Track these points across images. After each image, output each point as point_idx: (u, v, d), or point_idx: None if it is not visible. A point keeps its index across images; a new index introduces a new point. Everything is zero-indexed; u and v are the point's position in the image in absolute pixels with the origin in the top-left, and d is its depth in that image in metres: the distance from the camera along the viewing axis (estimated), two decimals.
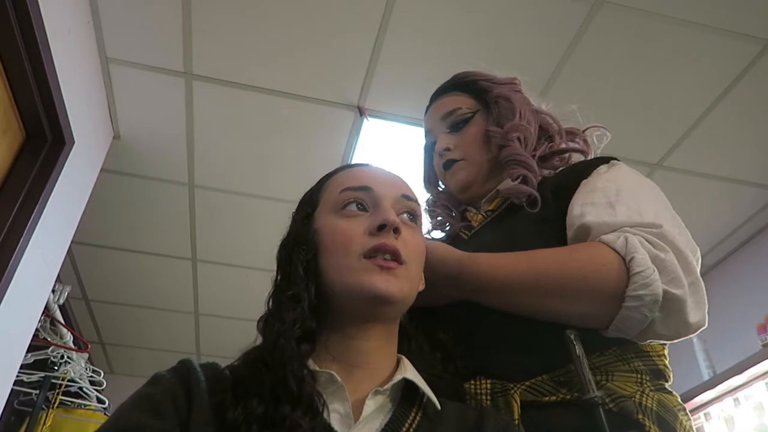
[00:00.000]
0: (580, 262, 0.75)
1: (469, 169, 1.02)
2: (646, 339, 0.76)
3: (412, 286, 0.71)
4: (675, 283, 0.72)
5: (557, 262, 0.77)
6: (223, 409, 0.59)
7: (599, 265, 0.74)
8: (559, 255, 0.78)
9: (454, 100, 1.09)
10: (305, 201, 0.79)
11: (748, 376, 2.40)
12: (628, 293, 0.71)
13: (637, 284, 0.71)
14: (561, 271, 0.76)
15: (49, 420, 2.74)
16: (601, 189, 0.84)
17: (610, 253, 0.74)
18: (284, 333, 0.64)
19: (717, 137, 2.36)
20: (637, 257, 0.72)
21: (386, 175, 0.77)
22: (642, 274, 0.71)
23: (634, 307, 0.71)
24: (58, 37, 1.73)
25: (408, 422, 0.65)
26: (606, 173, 0.89)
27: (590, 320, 0.76)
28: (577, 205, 0.84)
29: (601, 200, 0.82)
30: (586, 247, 0.78)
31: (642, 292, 0.71)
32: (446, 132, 1.06)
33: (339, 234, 0.70)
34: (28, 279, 1.82)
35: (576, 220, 0.82)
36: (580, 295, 0.74)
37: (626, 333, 0.74)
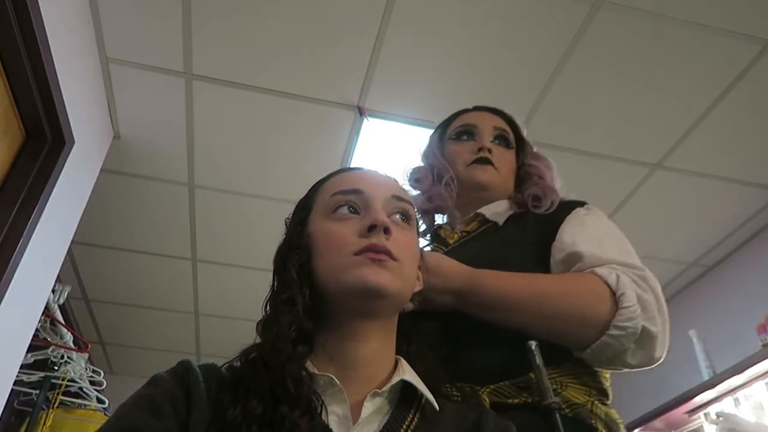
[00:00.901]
0: (578, 292, 0.85)
1: (496, 177, 1.12)
2: (612, 365, 0.86)
3: (406, 283, 0.71)
4: (652, 321, 0.82)
5: (558, 289, 0.86)
6: (223, 408, 0.60)
7: (594, 296, 0.83)
8: (559, 282, 0.88)
9: (505, 124, 1.20)
10: (299, 207, 0.80)
11: (748, 376, 2.40)
12: (614, 323, 0.81)
13: (623, 317, 0.81)
14: (560, 297, 0.85)
15: (49, 420, 2.74)
16: (589, 226, 0.96)
17: (603, 287, 0.84)
18: (280, 336, 0.65)
19: (717, 137, 2.36)
20: (627, 294, 0.82)
21: (377, 177, 0.78)
22: (629, 309, 0.81)
23: (616, 336, 0.81)
24: (58, 37, 1.73)
25: (406, 423, 0.65)
26: (587, 215, 1.00)
27: (572, 341, 0.85)
28: (568, 235, 0.94)
29: (590, 236, 0.93)
30: (583, 277, 0.87)
31: (626, 324, 0.80)
32: (492, 140, 1.15)
33: (332, 237, 0.70)
34: (28, 279, 1.82)
35: (568, 246, 0.92)
36: (574, 321, 0.83)
37: (599, 357, 0.84)
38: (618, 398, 0.93)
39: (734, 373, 2.40)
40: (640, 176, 2.55)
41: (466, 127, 1.17)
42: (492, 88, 2.20)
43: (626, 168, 2.51)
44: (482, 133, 1.15)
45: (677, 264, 3.06)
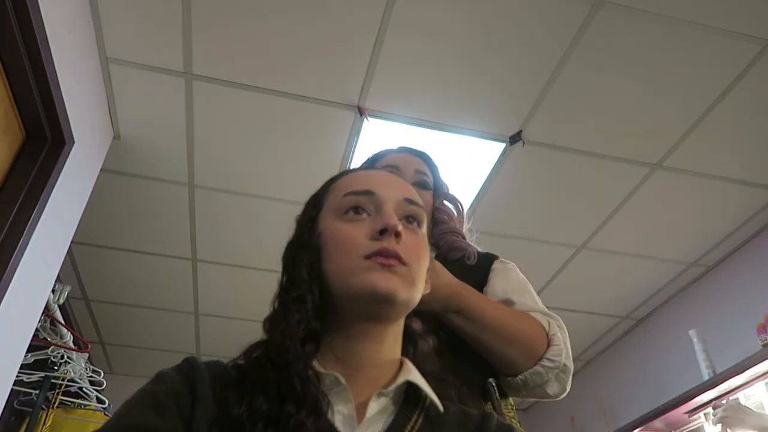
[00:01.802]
0: (526, 324, 1.04)
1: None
2: (533, 393, 1.03)
3: (415, 288, 0.71)
4: (569, 360, 1.03)
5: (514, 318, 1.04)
6: (227, 406, 0.60)
7: (537, 331, 1.03)
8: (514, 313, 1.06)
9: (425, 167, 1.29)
10: (310, 204, 0.79)
11: (748, 376, 2.40)
12: (547, 356, 1.01)
13: (554, 352, 1.01)
14: (516, 324, 1.03)
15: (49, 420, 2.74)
16: (512, 280, 1.16)
17: (539, 326, 1.04)
18: (289, 334, 0.65)
19: (717, 137, 2.36)
20: (557, 335, 1.03)
21: (389, 178, 0.78)
22: (558, 347, 1.02)
23: (547, 367, 1.00)
24: (58, 37, 1.73)
25: (410, 424, 0.65)
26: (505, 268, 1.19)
27: (513, 366, 1.01)
28: (498, 285, 1.14)
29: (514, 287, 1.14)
30: (528, 315, 1.06)
31: (555, 358, 1.00)
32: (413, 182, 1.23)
33: (342, 238, 0.70)
34: (28, 279, 1.82)
35: (502, 294, 1.12)
36: (521, 346, 1.01)
37: (526, 383, 1.01)
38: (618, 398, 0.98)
39: (734, 373, 2.41)
40: (640, 176, 2.55)
41: (389, 168, 1.24)
42: (492, 88, 2.20)
43: (626, 168, 2.51)
44: (404, 174, 1.22)
45: (677, 264, 3.06)
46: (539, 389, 1.02)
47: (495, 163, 2.51)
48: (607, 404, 3.47)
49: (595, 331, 3.61)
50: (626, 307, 3.38)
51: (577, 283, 3.17)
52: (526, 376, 1.00)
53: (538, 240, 2.92)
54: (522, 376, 1.00)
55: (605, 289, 3.22)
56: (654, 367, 3.26)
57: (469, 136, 2.37)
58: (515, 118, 2.31)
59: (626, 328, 3.57)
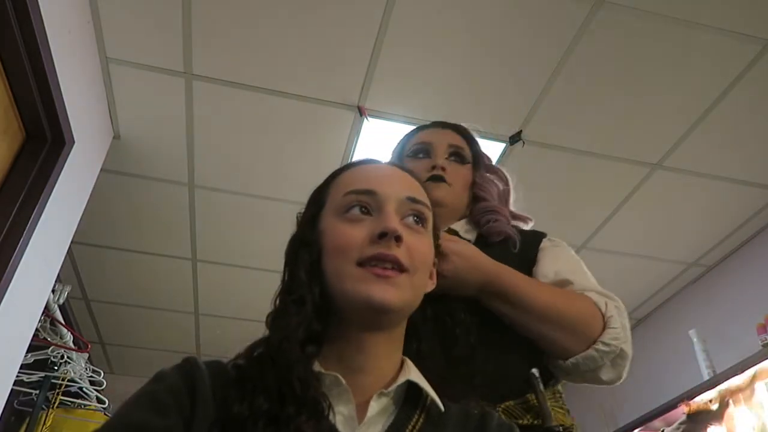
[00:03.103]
0: (578, 305, 0.96)
1: (450, 194, 1.16)
2: (585, 378, 0.96)
3: (415, 293, 0.70)
4: (628, 345, 0.96)
5: (564, 299, 0.96)
6: (228, 405, 0.59)
7: (590, 313, 0.96)
8: (564, 293, 0.98)
9: (460, 139, 1.24)
10: (312, 201, 0.78)
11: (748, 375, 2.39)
12: (601, 340, 0.93)
13: (609, 336, 0.93)
14: (566, 307, 0.95)
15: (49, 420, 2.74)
16: (562, 259, 1.08)
17: (595, 307, 0.96)
18: (289, 336, 0.64)
19: (717, 137, 2.36)
20: (615, 318, 0.96)
21: (392, 175, 0.76)
22: (615, 330, 0.94)
23: (601, 351, 0.93)
24: (58, 37, 1.73)
25: (411, 424, 0.65)
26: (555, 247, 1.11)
27: (564, 350, 0.95)
28: (549, 265, 1.05)
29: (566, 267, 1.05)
30: (581, 296, 0.99)
31: (610, 342, 0.93)
32: (446, 157, 1.20)
33: (340, 238, 0.69)
34: (28, 279, 1.82)
35: (554, 275, 1.03)
36: (572, 330, 0.94)
37: (578, 368, 0.94)
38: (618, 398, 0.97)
39: (734, 373, 2.40)
40: (640, 176, 2.55)
41: (421, 145, 1.22)
42: (492, 88, 2.20)
43: (626, 168, 2.51)
44: (437, 150, 1.19)
45: (677, 264, 3.06)
46: (591, 374, 0.95)
47: (495, 163, 2.50)
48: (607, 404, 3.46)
49: None
50: (626, 307, 3.36)
51: None
52: (578, 360, 0.93)
53: None
54: (573, 359, 0.93)
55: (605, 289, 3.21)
56: (654, 367, 3.26)
57: None
58: (515, 118, 2.31)
59: None
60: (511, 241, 1.09)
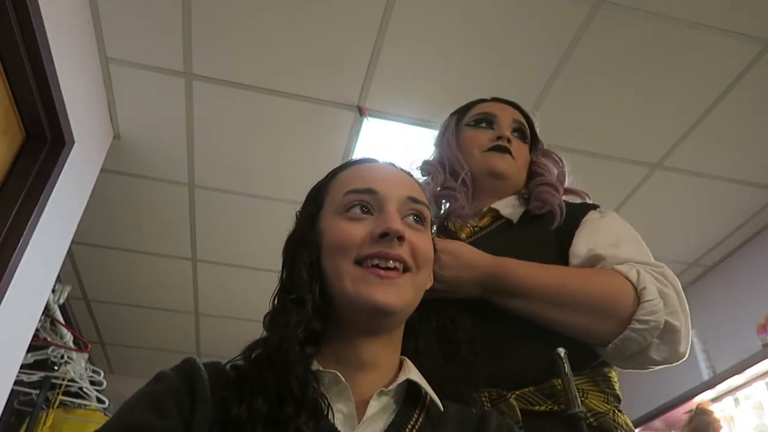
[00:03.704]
0: (599, 283, 0.85)
1: (513, 168, 1.12)
2: (635, 362, 0.86)
3: (416, 293, 0.70)
4: (675, 315, 0.83)
5: (579, 279, 0.87)
6: (227, 406, 0.59)
7: (616, 289, 0.84)
8: (580, 273, 0.89)
9: (523, 118, 1.20)
10: (311, 199, 0.77)
11: (748, 375, 2.40)
12: (637, 317, 0.81)
13: (645, 310, 0.81)
14: (583, 287, 0.85)
15: (49, 420, 2.74)
16: (603, 231, 0.97)
17: (624, 281, 0.84)
18: (288, 336, 0.64)
19: (717, 137, 2.36)
20: (649, 288, 0.83)
21: (392, 174, 0.75)
22: (651, 303, 0.81)
23: (639, 330, 0.81)
24: (58, 37, 1.73)
25: (411, 423, 0.65)
26: (601, 218, 1.01)
27: (595, 336, 0.85)
28: (583, 241, 0.95)
29: (605, 240, 0.94)
30: (604, 271, 0.88)
31: (649, 318, 0.81)
32: (511, 132, 1.15)
33: (339, 236, 0.69)
34: (28, 279, 1.82)
35: (586, 251, 0.92)
36: (596, 312, 0.84)
37: (622, 352, 0.84)
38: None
39: (734, 373, 2.40)
40: (640, 176, 2.55)
41: (485, 115, 1.16)
42: (492, 88, 2.18)
43: (626, 168, 2.51)
44: (501, 122, 1.14)
45: (677, 264, 3.06)
46: (642, 356, 0.84)
47: None
48: None
49: None
50: None
51: None
52: (616, 344, 0.83)
53: None
54: (612, 344, 0.83)
55: None
56: None
57: None
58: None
59: None
60: (551, 215, 1.01)
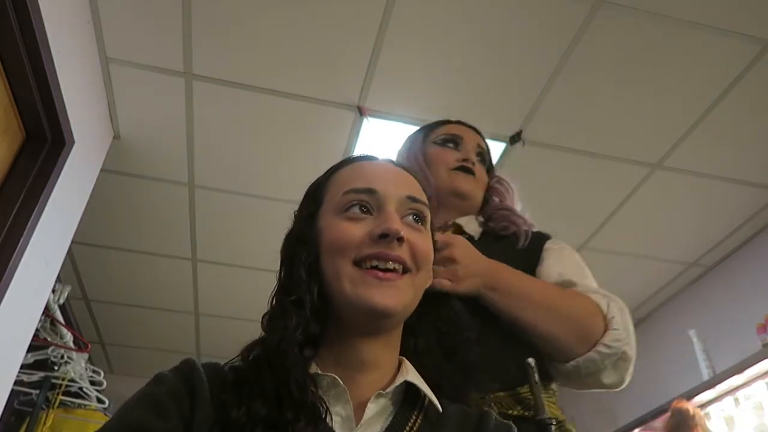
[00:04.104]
0: (578, 303, 0.95)
1: (475, 189, 1.20)
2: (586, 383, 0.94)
3: (416, 294, 0.70)
4: (630, 347, 0.93)
5: (565, 296, 0.95)
6: (226, 408, 0.59)
7: (593, 312, 0.93)
8: (561, 289, 0.97)
9: (485, 145, 1.30)
10: (310, 197, 0.77)
11: (748, 375, 2.40)
12: (603, 342, 0.91)
13: (611, 338, 0.91)
14: (564, 301, 0.94)
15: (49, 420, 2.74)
16: (567, 260, 1.07)
17: (597, 308, 0.94)
18: (287, 338, 0.64)
19: (717, 137, 2.36)
20: (617, 318, 0.93)
21: (392, 173, 0.75)
22: (617, 332, 0.91)
23: (602, 353, 0.90)
24: (58, 37, 1.73)
25: (409, 425, 0.65)
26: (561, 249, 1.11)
27: (563, 351, 0.93)
28: (553, 265, 1.04)
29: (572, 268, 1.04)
30: (580, 294, 0.97)
31: (612, 344, 0.90)
32: (476, 157, 1.24)
33: (338, 236, 0.68)
34: (28, 279, 1.82)
35: (557, 275, 1.02)
36: (571, 328, 0.92)
37: (579, 371, 0.92)
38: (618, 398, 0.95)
39: (734, 373, 2.40)
40: (640, 176, 2.55)
41: (452, 136, 1.25)
42: (492, 88, 2.20)
43: (626, 168, 2.51)
44: (467, 145, 1.22)
45: (677, 264, 3.06)
46: (593, 378, 0.92)
47: (495, 164, 2.50)
48: (607, 404, 3.47)
49: None
50: None
51: None
52: (579, 363, 0.91)
53: None
54: (575, 362, 0.91)
55: (605, 289, 3.21)
56: (654, 367, 3.25)
57: None
58: (515, 118, 2.31)
59: None
60: (517, 236, 1.09)
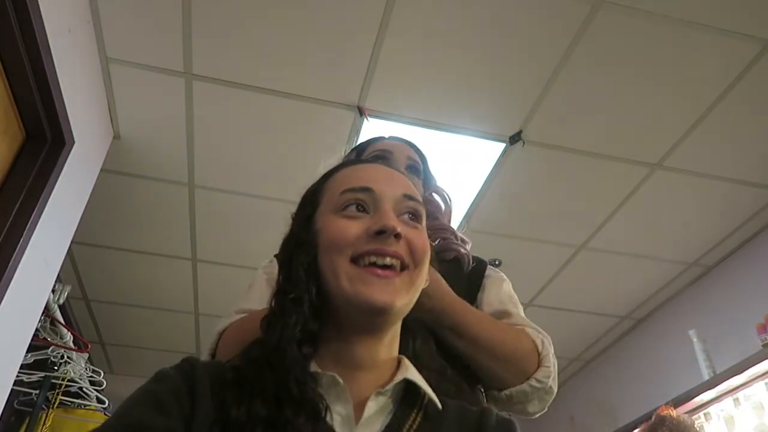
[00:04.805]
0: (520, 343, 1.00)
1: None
2: (514, 409, 1.01)
3: (414, 291, 0.70)
4: (555, 382, 1.01)
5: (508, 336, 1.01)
6: (226, 407, 0.59)
7: (530, 350, 1.00)
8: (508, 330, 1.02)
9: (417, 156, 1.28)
10: (307, 201, 0.78)
11: (748, 376, 2.39)
12: (536, 376, 0.98)
13: (543, 374, 0.98)
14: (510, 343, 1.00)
15: (49, 420, 2.74)
16: (505, 290, 1.13)
17: (533, 344, 1.01)
18: (286, 336, 0.64)
19: (717, 137, 2.36)
20: (549, 356, 1.01)
21: (387, 173, 0.76)
22: (548, 368, 0.99)
23: (534, 387, 0.97)
24: (58, 37, 1.73)
25: (409, 423, 0.65)
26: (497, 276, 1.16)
27: (500, 382, 0.99)
28: (493, 293, 1.11)
29: (508, 299, 1.12)
30: (517, 330, 1.03)
31: (543, 380, 0.98)
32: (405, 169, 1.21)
33: (335, 233, 0.69)
34: (28, 279, 1.82)
35: (498, 304, 1.09)
36: (512, 365, 0.99)
37: (510, 400, 0.99)
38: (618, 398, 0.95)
39: (734, 373, 2.40)
40: (640, 176, 2.55)
41: (381, 152, 1.25)
42: (492, 88, 2.20)
43: (626, 168, 2.51)
44: (397, 160, 1.22)
45: (677, 264, 3.06)
46: (520, 407, 1.01)
47: (495, 163, 2.51)
48: (607, 404, 3.46)
49: (595, 331, 3.61)
50: (626, 307, 3.38)
51: (577, 283, 3.17)
52: (511, 393, 0.99)
53: (537, 240, 2.92)
54: (508, 391, 0.99)
55: (605, 289, 3.22)
56: (654, 368, 3.26)
57: (468, 136, 2.37)
58: (515, 118, 2.31)
59: (626, 328, 3.57)
60: (462, 261, 1.14)
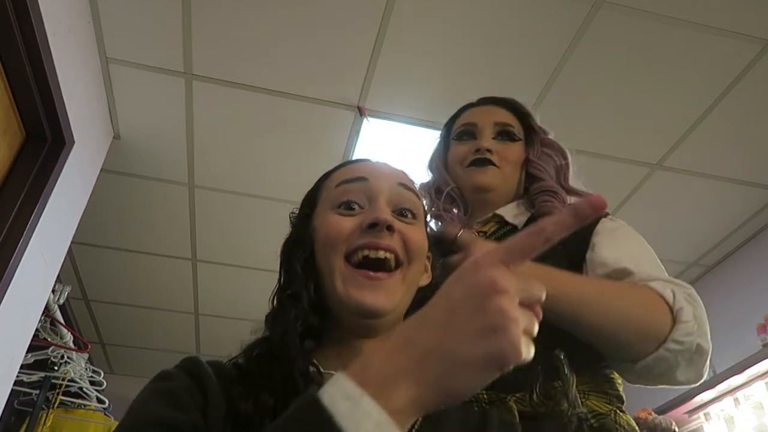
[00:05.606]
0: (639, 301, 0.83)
1: (498, 177, 1.08)
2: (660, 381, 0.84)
3: (408, 290, 0.70)
4: (705, 338, 0.83)
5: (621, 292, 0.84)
6: (234, 402, 0.60)
7: (655, 307, 0.82)
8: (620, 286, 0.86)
9: (508, 116, 1.15)
10: (305, 202, 0.79)
11: (748, 375, 2.40)
12: (672, 338, 0.80)
13: (681, 332, 0.80)
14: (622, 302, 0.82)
15: (49, 420, 2.74)
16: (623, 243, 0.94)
17: (660, 300, 0.83)
18: (288, 331, 0.65)
19: (717, 137, 2.36)
20: (685, 309, 0.82)
21: (383, 166, 0.77)
22: (687, 324, 0.81)
23: (673, 350, 0.80)
24: (58, 37, 1.73)
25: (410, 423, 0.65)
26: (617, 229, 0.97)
27: (628, 352, 0.82)
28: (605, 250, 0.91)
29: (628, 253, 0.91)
30: (638, 287, 0.85)
31: (684, 339, 0.80)
32: (493, 137, 1.11)
33: (330, 230, 0.70)
34: (28, 279, 1.82)
35: (610, 262, 0.90)
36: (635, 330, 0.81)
37: (650, 371, 0.82)
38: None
39: (734, 373, 2.40)
40: (640, 176, 2.55)
41: (466, 126, 1.14)
42: (492, 88, 2.19)
43: (626, 168, 2.51)
44: (482, 131, 1.11)
45: (677, 264, 3.06)
46: (666, 376, 0.83)
47: None
48: None
49: None
50: None
51: None
52: (647, 363, 0.81)
53: None
54: (643, 362, 0.81)
55: None
56: None
57: None
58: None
59: None
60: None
